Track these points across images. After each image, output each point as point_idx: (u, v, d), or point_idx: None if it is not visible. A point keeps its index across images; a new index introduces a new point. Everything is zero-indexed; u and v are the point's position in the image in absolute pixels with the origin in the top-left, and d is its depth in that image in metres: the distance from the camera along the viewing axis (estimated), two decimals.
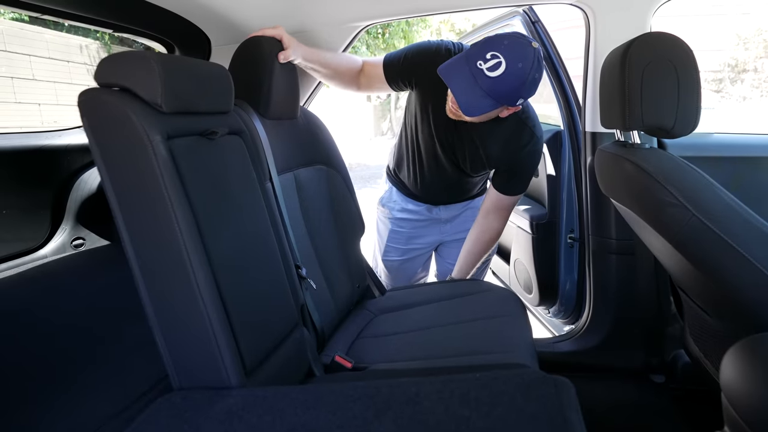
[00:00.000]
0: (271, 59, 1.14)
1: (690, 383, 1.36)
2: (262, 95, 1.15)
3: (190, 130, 0.84)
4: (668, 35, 0.94)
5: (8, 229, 1.24)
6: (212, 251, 0.79)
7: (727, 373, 0.73)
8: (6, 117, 4.55)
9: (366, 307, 1.43)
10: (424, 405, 0.64)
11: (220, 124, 0.91)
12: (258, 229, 0.96)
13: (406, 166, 1.59)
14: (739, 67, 10.69)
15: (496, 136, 1.39)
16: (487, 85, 1.14)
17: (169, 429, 0.67)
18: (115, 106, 0.75)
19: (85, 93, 0.76)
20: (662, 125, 0.93)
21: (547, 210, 1.78)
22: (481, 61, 1.13)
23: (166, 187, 0.74)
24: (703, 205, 0.81)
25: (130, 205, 0.76)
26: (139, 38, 1.38)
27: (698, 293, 0.94)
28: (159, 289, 0.77)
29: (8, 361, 0.99)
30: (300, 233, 1.20)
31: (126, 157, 0.75)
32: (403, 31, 7.57)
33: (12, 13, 4.75)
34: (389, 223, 1.70)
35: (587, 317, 1.51)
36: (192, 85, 0.85)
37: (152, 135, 0.74)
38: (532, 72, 1.14)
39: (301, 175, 1.26)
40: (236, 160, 0.95)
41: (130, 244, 0.76)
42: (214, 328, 0.76)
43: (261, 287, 0.92)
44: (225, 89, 0.94)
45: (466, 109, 1.18)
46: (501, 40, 1.14)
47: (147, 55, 0.78)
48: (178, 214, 0.74)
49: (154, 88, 0.76)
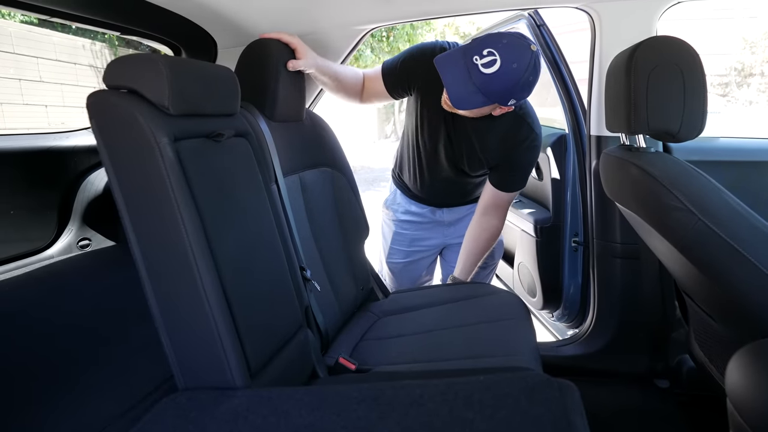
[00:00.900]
0: (277, 61, 1.15)
1: (695, 388, 1.35)
2: (268, 97, 1.15)
3: (196, 132, 0.84)
4: (674, 39, 0.94)
5: (16, 229, 1.25)
6: (218, 253, 0.79)
7: (733, 378, 0.73)
8: (14, 118, 4.59)
9: (370, 310, 1.43)
10: (428, 407, 0.64)
11: (226, 126, 0.91)
12: (263, 231, 0.96)
13: (408, 167, 1.59)
14: (745, 71, 10.64)
15: (495, 133, 1.39)
16: (479, 81, 1.14)
17: (175, 429, 0.68)
18: (123, 108, 0.75)
19: (94, 95, 0.77)
20: (668, 129, 0.92)
21: (552, 214, 1.77)
22: (477, 56, 1.14)
23: (173, 189, 0.74)
24: (709, 210, 0.81)
25: (138, 206, 0.76)
26: (145, 41, 1.39)
27: (703, 298, 0.94)
28: (165, 290, 0.77)
29: (14, 361, 1.00)
30: (305, 235, 1.20)
31: (133, 158, 0.75)
32: (408, 34, 7.58)
33: (23, 16, 4.79)
34: (393, 225, 1.71)
35: (591, 321, 1.51)
36: (199, 87, 0.85)
37: (159, 137, 0.74)
38: (526, 74, 1.14)
39: (306, 177, 1.26)
40: (242, 163, 0.96)
41: (137, 246, 0.77)
42: (220, 329, 0.76)
43: (266, 289, 0.92)
44: (231, 91, 0.95)
45: (456, 100, 1.18)
46: (500, 39, 1.15)
47: (155, 57, 0.79)
48: (184, 216, 0.75)
49: (161, 90, 0.77)
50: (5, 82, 4.53)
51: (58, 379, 1.02)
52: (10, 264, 1.22)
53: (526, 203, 1.98)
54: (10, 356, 1.00)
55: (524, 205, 1.96)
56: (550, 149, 1.72)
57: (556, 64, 1.61)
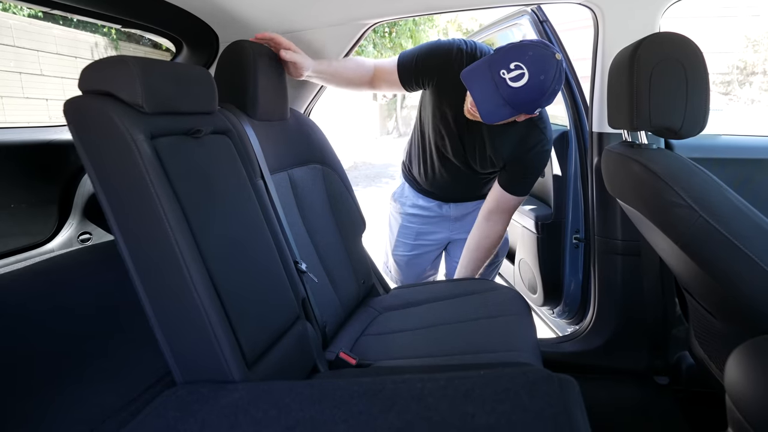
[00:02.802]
0: (254, 61, 1.16)
1: (694, 385, 1.36)
2: (249, 97, 1.17)
3: (174, 129, 0.86)
4: (677, 35, 0.93)
5: (16, 223, 1.25)
6: (204, 245, 0.80)
7: (732, 374, 0.73)
8: (14, 112, 4.58)
9: (370, 305, 1.44)
10: (429, 401, 0.64)
11: (204, 124, 0.93)
12: (250, 223, 0.97)
13: (417, 161, 1.60)
14: (747, 70, 10.61)
15: (507, 136, 1.39)
16: (507, 94, 1.15)
17: (175, 422, 0.68)
18: (98, 110, 0.77)
19: (70, 101, 0.79)
20: (670, 126, 0.92)
21: (553, 210, 1.77)
22: (504, 71, 1.14)
23: (153, 184, 0.76)
24: (711, 207, 0.81)
25: (121, 205, 0.78)
26: (147, 34, 1.39)
27: (704, 295, 0.94)
28: (154, 286, 0.79)
29: (15, 354, 1.00)
30: (298, 231, 1.21)
31: (112, 157, 0.77)
32: (410, 30, 7.56)
33: (28, 10, 4.78)
34: (400, 218, 1.72)
35: (592, 318, 1.51)
36: (172, 85, 0.87)
37: (135, 134, 0.76)
38: (553, 84, 1.15)
39: (295, 174, 1.28)
40: (224, 158, 0.97)
41: (123, 244, 0.78)
42: (211, 320, 0.77)
43: (256, 279, 0.93)
44: (207, 90, 0.96)
45: (485, 115, 1.19)
46: (526, 51, 1.14)
47: (125, 59, 0.80)
48: (166, 210, 0.76)
49: (133, 89, 0.79)
50: (6, 76, 4.52)
51: (59, 371, 1.02)
52: (10, 258, 1.22)
53: (527, 200, 1.98)
54: (11, 349, 1.00)
55: (525, 201, 1.96)
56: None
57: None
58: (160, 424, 0.68)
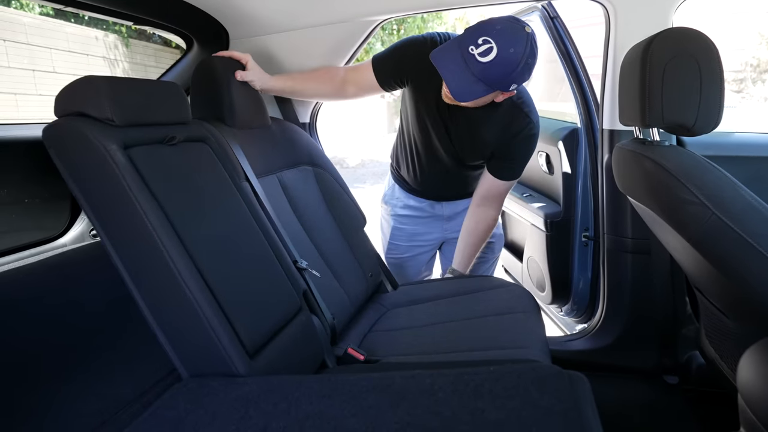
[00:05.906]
0: (225, 74, 1.21)
1: (704, 385, 1.34)
2: (225, 107, 1.21)
3: (147, 139, 0.90)
4: (691, 30, 0.92)
5: (29, 218, 1.27)
6: (188, 241, 0.83)
7: (745, 374, 0.72)
8: (28, 108, 4.63)
9: (378, 302, 1.44)
10: (439, 396, 0.64)
11: (179, 133, 0.96)
12: (237, 220, 0.99)
13: (406, 161, 1.59)
14: (761, 67, 10.46)
15: (492, 122, 1.38)
16: (478, 70, 1.13)
17: (186, 414, 0.69)
18: (72, 129, 0.82)
19: (48, 127, 0.84)
20: (683, 122, 0.91)
21: (562, 208, 1.76)
22: (472, 46, 1.13)
23: (130, 188, 0.80)
24: (724, 204, 0.80)
25: (104, 213, 0.82)
26: (157, 30, 1.40)
27: (716, 294, 0.93)
28: (147, 286, 0.82)
29: (28, 346, 1.02)
30: (295, 230, 1.24)
31: (92, 171, 0.82)
32: (419, 27, 7.53)
33: (42, 8, 4.82)
34: (392, 220, 1.70)
35: (600, 316, 1.50)
36: (141, 99, 0.91)
37: (108, 145, 0.80)
38: (524, 57, 1.13)
39: (285, 177, 1.31)
40: (204, 162, 1.01)
41: (112, 250, 0.82)
42: (205, 312, 0.80)
43: (249, 272, 0.94)
44: (178, 101, 1.00)
45: (457, 94, 1.17)
46: (493, 25, 1.13)
47: (92, 78, 0.86)
48: (146, 210, 0.80)
49: (102, 105, 0.84)
50: (20, 73, 4.58)
51: (71, 364, 1.04)
52: (24, 252, 1.24)
53: (536, 197, 1.97)
54: (25, 341, 1.02)
55: (534, 199, 1.95)
56: (561, 143, 1.70)
57: (569, 56, 1.59)
58: (172, 416, 0.69)
